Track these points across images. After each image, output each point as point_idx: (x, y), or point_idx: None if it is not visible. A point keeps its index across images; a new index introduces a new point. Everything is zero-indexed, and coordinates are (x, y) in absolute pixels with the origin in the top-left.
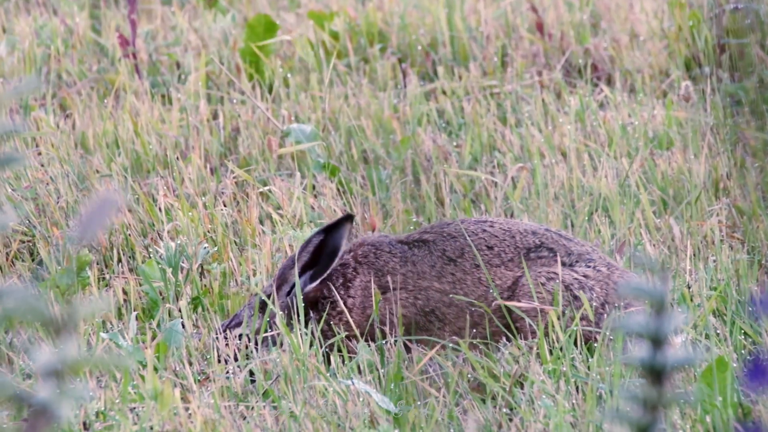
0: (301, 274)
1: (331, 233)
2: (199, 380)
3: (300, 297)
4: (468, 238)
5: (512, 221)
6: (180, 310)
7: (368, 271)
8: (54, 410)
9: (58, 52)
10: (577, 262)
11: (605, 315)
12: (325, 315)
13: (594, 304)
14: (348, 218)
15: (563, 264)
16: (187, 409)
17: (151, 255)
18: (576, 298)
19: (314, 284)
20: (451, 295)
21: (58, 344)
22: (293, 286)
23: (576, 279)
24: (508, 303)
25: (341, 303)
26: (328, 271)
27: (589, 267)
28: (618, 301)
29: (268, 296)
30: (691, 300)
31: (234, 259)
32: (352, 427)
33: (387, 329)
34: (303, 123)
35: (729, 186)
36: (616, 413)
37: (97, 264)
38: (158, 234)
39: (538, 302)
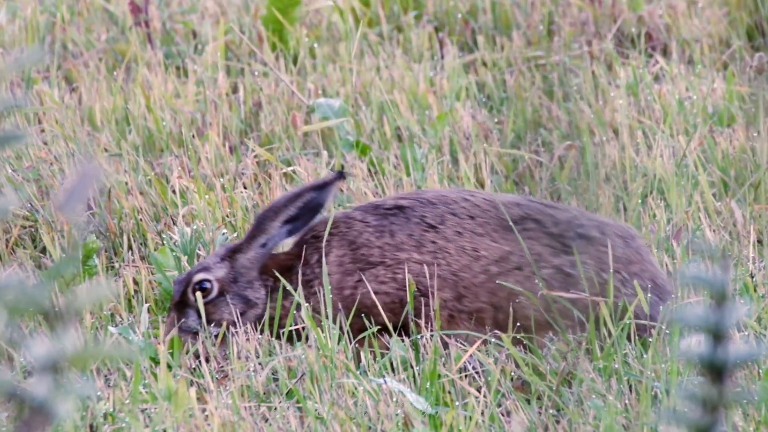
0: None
1: (319, 190)
2: (216, 379)
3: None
4: (511, 222)
5: (494, 194)
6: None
7: (340, 244)
8: (50, 408)
9: (63, 20)
10: (566, 230)
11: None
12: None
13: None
14: (339, 176)
15: (551, 235)
16: (203, 410)
17: (165, 242)
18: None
19: (289, 249)
20: (498, 282)
21: (56, 336)
22: (269, 239)
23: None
24: (556, 294)
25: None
26: (305, 228)
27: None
28: (619, 268)
29: (239, 245)
30: (755, 290)
31: None
32: (384, 429)
33: (368, 314)
34: (331, 97)
35: None
36: (673, 414)
37: (106, 251)
38: (172, 219)
39: (532, 288)
